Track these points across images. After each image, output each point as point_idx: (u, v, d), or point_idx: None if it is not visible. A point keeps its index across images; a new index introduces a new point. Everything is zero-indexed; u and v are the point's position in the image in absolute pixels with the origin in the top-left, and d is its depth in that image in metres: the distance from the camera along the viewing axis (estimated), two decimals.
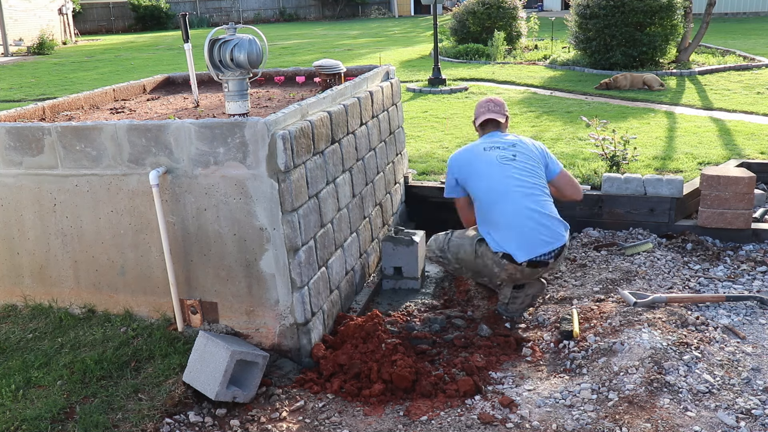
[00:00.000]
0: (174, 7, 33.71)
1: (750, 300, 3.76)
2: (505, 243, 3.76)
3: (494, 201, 3.81)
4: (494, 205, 3.81)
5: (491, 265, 3.83)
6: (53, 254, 3.68)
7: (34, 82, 14.74)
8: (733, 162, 5.88)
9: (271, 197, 3.24)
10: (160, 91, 5.29)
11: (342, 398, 3.23)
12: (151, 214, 3.41)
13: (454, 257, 4.01)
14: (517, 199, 3.78)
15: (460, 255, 3.98)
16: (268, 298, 3.40)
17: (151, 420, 2.90)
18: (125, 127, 3.34)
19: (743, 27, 19.66)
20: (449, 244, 4.04)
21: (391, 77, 5.32)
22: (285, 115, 3.37)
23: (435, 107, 9.55)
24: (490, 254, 3.81)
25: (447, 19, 20.67)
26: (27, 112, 4.07)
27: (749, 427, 2.74)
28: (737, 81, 10.55)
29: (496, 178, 3.84)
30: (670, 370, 3.09)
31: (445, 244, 4.07)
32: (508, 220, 3.77)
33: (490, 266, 3.84)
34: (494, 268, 3.83)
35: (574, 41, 12.88)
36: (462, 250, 3.96)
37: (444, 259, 4.09)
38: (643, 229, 4.97)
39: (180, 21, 4.28)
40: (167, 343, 3.42)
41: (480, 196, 3.89)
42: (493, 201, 3.82)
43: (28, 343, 3.47)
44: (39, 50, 22.42)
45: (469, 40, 15.84)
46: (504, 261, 3.77)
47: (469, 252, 3.92)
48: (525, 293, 3.99)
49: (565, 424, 2.87)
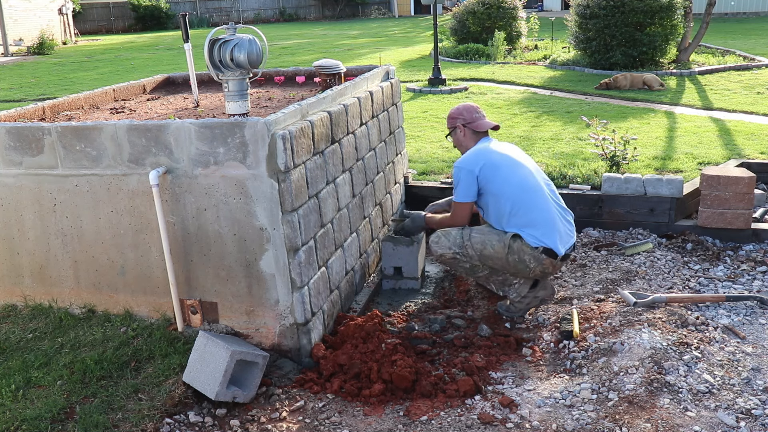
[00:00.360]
0: (174, 7, 33.72)
1: (750, 300, 3.76)
2: (546, 238, 3.80)
3: (529, 198, 3.86)
4: (530, 202, 3.85)
5: (528, 260, 3.83)
6: (53, 254, 3.69)
7: (34, 82, 14.74)
8: (733, 162, 5.88)
9: (271, 197, 3.24)
10: (160, 91, 5.29)
11: (342, 398, 3.22)
12: (151, 214, 3.41)
13: (478, 253, 3.93)
14: (546, 196, 3.90)
15: (485, 251, 3.91)
16: (268, 298, 3.40)
17: (151, 420, 2.90)
18: (125, 127, 3.34)
19: (743, 27, 19.66)
20: (471, 240, 3.94)
21: (391, 77, 5.32)
22: (285, 115, 3.37)
23: (435, 107, 9.55)
24: (529, 249, 3.81)
25: (447, 19, 20.67)
26: (27, 112, 4.07)
27: (749, 427, 2.74)
28: (737, 81, 10.55)
29: (524, 176, 3.90)
30: (670, 370, 3.09)
31: (465, 240, 3.96)
32: (545, 216, 3.84)
33: (526, 261, 3.84)
34: (531, 263, 3.83)
35: (574, 41, 12.88)
36: (489, 246, 3.90)
37: (462, 255, 3.99)
38: (643, 229, 4.97)
39: (180, 21, 4.28)
40: (167, 343, 3.41)
41: (511, 193, 3.85)
42: (527, 198, 3.85)
43: (28, 343, 3.47)
44: (39, 50, 22.43)
45: (469, 40, 15.85)
46: (543, 255, 3.81)
47: (498, 248, 3.87)
48: (534, 295, 3.98)
49: (565, 424, 2.87)
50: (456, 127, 4.13)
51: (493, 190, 3.89)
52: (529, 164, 4.02)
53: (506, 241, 3.86)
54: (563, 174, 5.55)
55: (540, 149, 6.72)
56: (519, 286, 4.01)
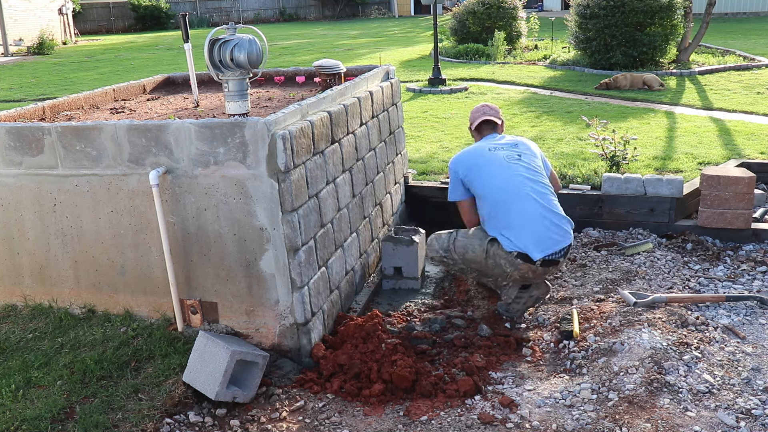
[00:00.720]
0: (174, 7, 33.71)
1: (750, 300, 3.76)
2: (520, 242, 3.74)
3: (507, 200, 3.79)
4: (507, 205, 3.79)
5: (504, 265, 3.81)
6: (53, 254, 3.69)
7: (34, 82, 14.74)
8: (733, 162, 5.88)
9: (271, 197, 3.24)
10: (160, 91, 5.29)
11: (342, 398, 3.22)
12: (151, 214, 3.41)
13: (461, 257, 3.97)
14: (530, 198, 3.79)
15: (467, 255, 3.94)
16: (268, 298, 3.40)
17: (151, 420, 2.90)
18: (125, 127, 3.34)
19: (743, 27, 19.66)
20: (455, 244, 3.99)
21: (391, 77, 5.32)
22: (285, 115, 3.37)
23: (435, 107, 9.55)
24: (504, 254, 3.78)
25: (447, 19, 20.67)
26: (27, 112, 4.07)
27: (749, 427, 2.74)
28: (737, 81, 10.55)
29: (506, 178, 3.83)
30: (670, 370, 3.09)
31: (450, 244, 4.02)
32: (522, 220, 3.76)
33: (502, 266, 3.82)
34: (507, 268, 3.80)
35: (574, 41, 12.88)
36: (470, 250, 3.92)
37: (449, 259, 4.05)
38: (643, 229, 4.97)
39: (180, 21, 4.28)
40: (167, 343, 3.41)
41: (490, 195, 3.85)
42: (505, 200, 3.80)
43: (28, 343, 3.47)
44: (39, 50, 22.43)
45: (469, 40, 15.85)
46: (518, 260, 3.75)
47: (478, 252, 3.88)
48: (529, 294, 3.98)
49: (565, 424, 2.87)
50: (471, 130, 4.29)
51: (477, 191, 3.94)
52: (523, 164, 3.90)
53: (485, 245, 3.86)
54: (563, 174, 5.55)
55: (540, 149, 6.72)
56: (508, 288, 4.00)
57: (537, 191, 3.83)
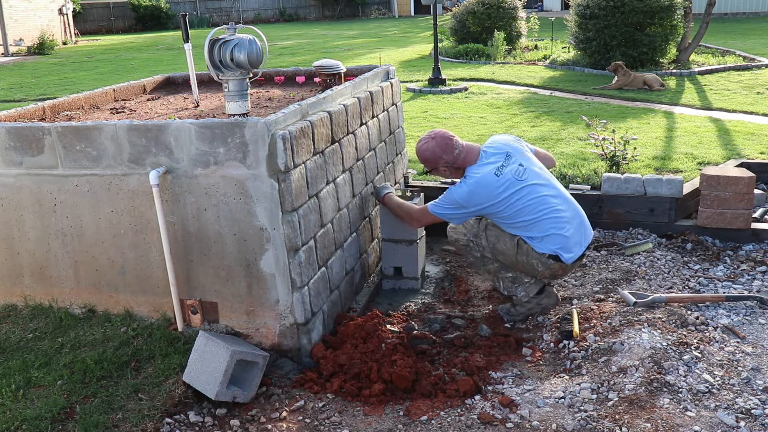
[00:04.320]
0: (174, 7, 33.74)
1: (750, 300, 3.76)
2: (552, 246, 3.75)
3: (532, 218, 3.73)
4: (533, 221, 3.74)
5: (535, 264, 3.81)
6: (53, 254, 3.69)
7: (34, 82, 14.75)
8: (733, 162, 5.88)
9: (271, 197, 3.25)
10: (160, 91, 5.29)
11: (342, 398, 3.23)
12: (151, 214, 3.41)
13: (491, 246, 3.94)
14: (552, 209, 3.73)
15: (498, 246, 3.91)
16: (268, 298, 3.41)
17: (151, 420, 2.90)
18: (125, 127, 3.34)
19: (743, 27, 19.66)
20: (486, 232, 3.94)
21: (391, 77, 5.32)
22: (285, 115, 3.37)
23: (435, 107, 9.56)
24: (535, 254, 3.79)
25: (447, 19, 20.66)
26: (27, 112, 4.07)
27: (749, 427, 2.74)
28: (737, 81, 10.56)
29: (524, 195, 3.72)
30: (670, 370, 3.09)
31: (481, 230, 3.97)
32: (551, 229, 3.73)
33: (534, 264, 3.82)
34: (539, 267, 3.81)
35: (574, 41, 12.89)
36: (501, 242, 3.89)
37: (476, 244, 4.00)
38: (643, 229, 4.97)
39: (180, 21, 4.28)
40: (167, 343, 3.42)
41: (512, 217, 3.77)
42: (531, 218, 3.73)
43: (28, 343, 3.47)
44: (39, 50, 22.45)
45: (469, 40, 15.85)
46: (551, 261, 3.77)
47: (509, 246, 3.86)
48: (538, 302, 3.95)
49: (565, 424, 2.87)
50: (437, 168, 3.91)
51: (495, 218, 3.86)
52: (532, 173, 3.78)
53: (516, 240, 3.84)
54: (563, 174, 5.55)
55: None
56: (529, 285, 3.95)
57: (554, 194, 3.78)
